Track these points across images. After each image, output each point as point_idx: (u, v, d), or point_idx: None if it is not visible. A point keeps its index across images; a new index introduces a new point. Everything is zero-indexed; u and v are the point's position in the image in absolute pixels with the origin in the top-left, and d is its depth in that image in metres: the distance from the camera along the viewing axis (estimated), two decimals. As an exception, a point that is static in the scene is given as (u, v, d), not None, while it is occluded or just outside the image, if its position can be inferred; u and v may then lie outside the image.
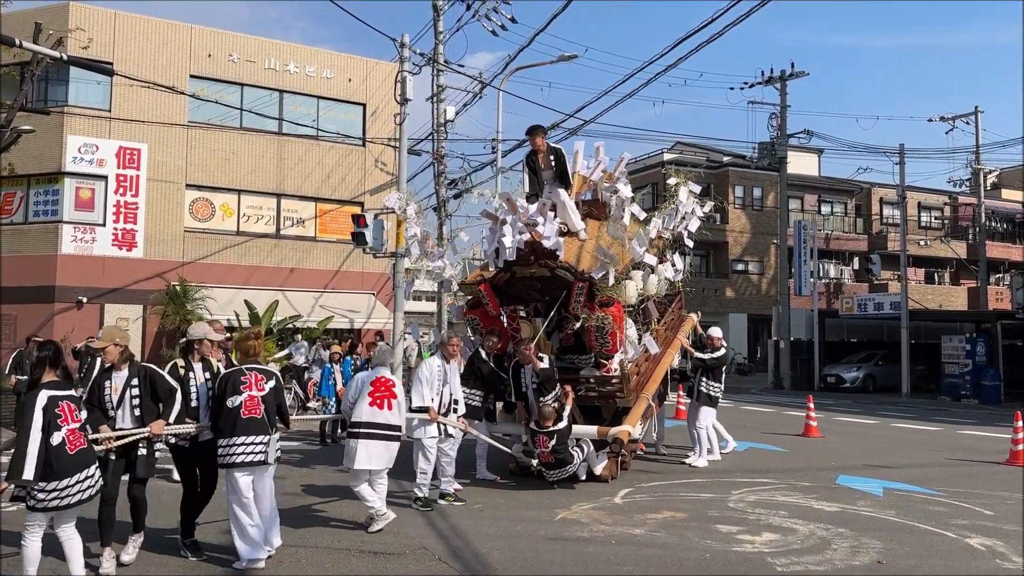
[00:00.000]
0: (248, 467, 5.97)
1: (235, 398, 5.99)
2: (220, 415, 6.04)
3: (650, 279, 10.52)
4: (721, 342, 11.36)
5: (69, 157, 20.59)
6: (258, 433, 5.98)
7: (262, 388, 6.09)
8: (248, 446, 5.94)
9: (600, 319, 9.11)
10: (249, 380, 6.08)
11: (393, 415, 7.10)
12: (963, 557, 6.53)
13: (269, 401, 6.10)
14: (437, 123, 22.05)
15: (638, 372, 10.01)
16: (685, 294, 13.02)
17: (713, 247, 38.74)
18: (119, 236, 21.13)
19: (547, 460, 8.87)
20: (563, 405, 9.01)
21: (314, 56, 24.33)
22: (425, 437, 8.05)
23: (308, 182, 23.61)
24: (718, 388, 11.28)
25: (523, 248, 9.08)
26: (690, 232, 11.72)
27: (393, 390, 7.16)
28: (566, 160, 10.25)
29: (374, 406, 7.06)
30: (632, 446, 10.32)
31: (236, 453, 5.93)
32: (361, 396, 7.12)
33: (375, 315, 23.12)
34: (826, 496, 8.92)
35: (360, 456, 6.97)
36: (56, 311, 20.04)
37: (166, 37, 22.06)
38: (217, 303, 20.93)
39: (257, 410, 6.01)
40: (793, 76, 30.26)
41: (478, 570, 6.02)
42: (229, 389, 6.03)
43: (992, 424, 17.20)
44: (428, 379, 8.04)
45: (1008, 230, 43.17)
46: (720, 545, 6.77)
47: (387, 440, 7.06)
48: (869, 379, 28.97)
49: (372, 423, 7.03)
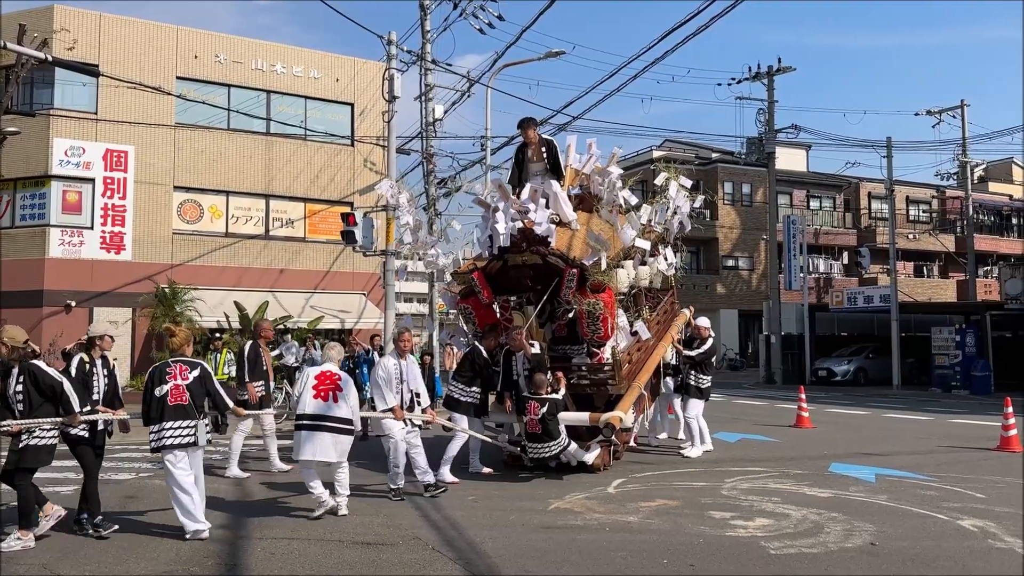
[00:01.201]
0: (179, 449, 6.51)
1: (161, 388, 6.60)
2: (150, 404, 6.61)
3: (641, 268, 10.52)
4: (709, 332, 11.31)
5: (55, 160, 20.47)
6: (185, 418, 6.55)
7: (186, 377, 6.63)
8: (176, 430, 6.53)
9: (591, 305, 9.09)
10: (174, 371, 6.65)
11: (339, 407, 7.32)
12: (955, 538, 6.55)
13: (194, 389, 6.63)
14: (426, 122, 22.02)
15: (630, 361, 10.00)
16: (675, 290, 12.98)
17: (703, 243, 38.84)
18: (107, 239, 21.02)
19: (533, 430, 8.87)
20: (558, 380, 9.15)
21: (301, 56, 24.27)
22: (393, 432, 8.14)
23: (297, 182, 23.54)
24: (707, 380, 11.18)
25: (516, 235, 9.14)
26: (683, 226, 11.72)
27: (339, 384, 7.38)
28: (558, 152, 10.27)
29: (318, 398, 7.31)
30: (625, 436, 10.32)
31: (166, 437, 6.52)
32: (305, 389, 7.39)
33: (366, 315, 23.06)
34: (819, 483, 8.94)
35: (306, 448, 7.26)
36: (45, 315, 19.91)
37: (152, 38, 21.97)
38: (207, 305, 20.86)
39: (183, 398, 6.57)
40: (780, 71, 30.31)
41: (472, 559, 6.00)
42: (156, 380, 6.66)
43: (983, 413, 17.28)
44: (386, 380, 8.17)
45: (996, 223, 43.47)
46: (714, 531, 6.77)
47: (334, 432, 7.29)
48: (860, 372, 29.06)
49: (316, 415, 7.29)
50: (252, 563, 5.97)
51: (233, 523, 7.26)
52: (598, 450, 9.44)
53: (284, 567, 5.84)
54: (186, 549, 6.35)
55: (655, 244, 11.24)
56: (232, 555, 6.19)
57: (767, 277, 33.37)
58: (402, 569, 5.77)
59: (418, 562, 5.94)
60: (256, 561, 6.01)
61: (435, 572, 5.71)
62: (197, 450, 6.66)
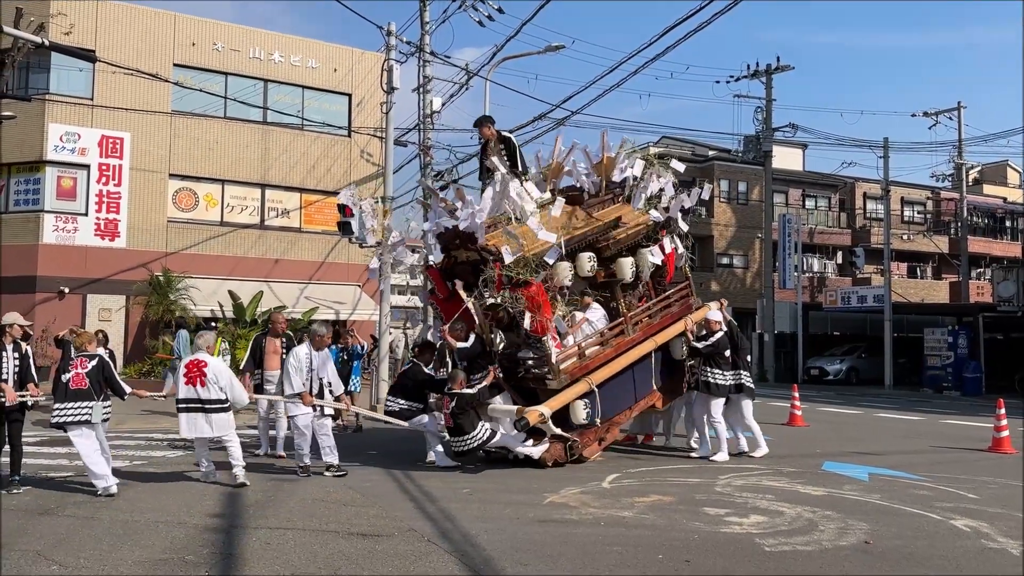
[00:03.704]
0: (76, 425, 7.86)
1: (66, 375, 8.09)
2: (57, 388, 8.29)
3: (621, 260, 10.34)
4: (720, 325, 10.63)
5: (51, 145, 20.35)
6: (83, 400, 7.90)
7: (85, 367, 7.99)
8: (75, 409, 7.88)
9: (514, 299, 9.19)
10: (76, 362, 8.09)
11: (207, 390, 8.37)
12: (949, 538, 6.57)
13: (92, 376, 7.96)
14: (423, 114, 21.93)
15: (581, 355, 9.80)
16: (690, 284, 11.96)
17: (698, 240, 38.75)
18: (102, 226, 20.92)
19: (447, 424, 9.30)
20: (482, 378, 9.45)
21: (299, 46, 24.16)
22: (298, 416, 8.93)
23: (293, 172, 23.46)
24: (721, 375, 10.40)
25: (450, 232, 9.53)
26: (684, 209, 11.28)
27: (204, 371, 8.42)
28: (516, 148, 10.30)
29: (188, 385, 8.40)
30: (595, 432, 9.99)
31: (66, 415, 7.87)
32: (179, 377, 8.65)
33: (361, 307, 23.01)
34: (812, 481, 8.97)
35: (183, 427, 8.49)
36: (38, 301, 19.80)
37: (149, 25, 21.83)
38: (201, 293, 20.79)
39: (82, 383, 7.92)
40: (779, 70, 30.36)
41: (467, 551, 5.99)
42: (63, 368, 8.37)
43: (974, 414, 17.36)
44: (297, 367, 8.93)
45: (989, 225, 43.57)
46: (708, 527, 6.79)
47: (205, 412, 8.37)
48: (852, 371, 29.21)
49: (188, 399, 8.40)
50: (247, 552, 5.95)
51: (228, 512, 7.25)
52: (545, 445, 9.41)
53: (279, 557, 5.82)
54: (181, 536, 6.34)
55: (649, 235, 10.83)
56: (227, 544, 6.18)
57: (761, 275, 33.45)
58: (397, 560, 5.76)
59: (413, 554, 5.94)
60: (251, 550, 5.99)
61: (430, 564, 5.71)
62: (94, 426, 7.95)
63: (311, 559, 5.78)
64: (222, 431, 8.44)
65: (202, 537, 6.35)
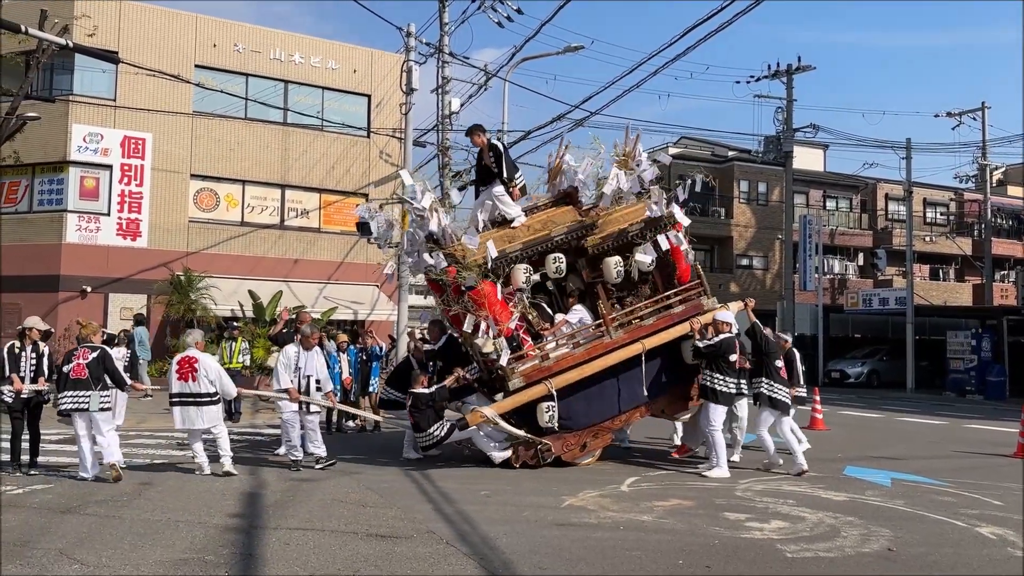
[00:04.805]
0: (75, 412, 8.42)
1: (68, 365, 8.60)
2: (59, 377, 8.72)
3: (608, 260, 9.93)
4: (728, 327, 9.67)
5: (74, 146, 20.56)
6: (82, 389, 8.44)
7: (87, 358, 8.56)
8: (74, 397, 8.45)
9: (465, 304, 9.39)
10: (78, 353, 8.64)
11: (197, 385, 8.90)
12: (974, 545, 6.48)
13: (92, 367, 8.51)
14: (442, 115, 21.97)
15: (545, 358, 9.59)
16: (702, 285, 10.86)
17: (718, 242, 38.62)
18: (123, 226, 21.10)
19: (410, 420, 9.81)
20: (443, 378, 9.87)
21: (319, 47, 24.27)
22: (286, 412, 9.47)
23: (312, 173, 23.56)
24: (722, 380, 9.49)
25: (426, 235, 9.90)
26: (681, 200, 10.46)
27: (195, 366, 8.93)
28: (503, 154, 10.39)
29: (181, 380, 8.93)
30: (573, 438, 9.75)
31: (66, 402, 8.47)
32: (171, 373, 9.06)
33: (379, 307, 23.08)
34: (834, 486, 8.88)
35: (176, 419, 9.04)
36: (60, 300, 20.02)
37: (171, 26, 22.01)
38: (221, 293, 20.92)
39: (82, 373, 8.48)
40: (800, 70, 30.15)
41: (486, 554, 5.98)
42: (65, 360, 8.75)
43: (998, 418, 17.13)
44: (286, 365, 9.50)
45: (1013, 227, 43.01)
46: (729, 532, 6.73)
47: (197, 405, 8.91)
48: (873, 374, 28.92)
49: (180, 393, 8.94)
50: (267, 552, 5.97)
51: (248, 512, 7.28)
52: (508, 452, 9.56)
53: (299, 557, 5.84)
54: (201, 536, 6.37)
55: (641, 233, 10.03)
56: (247, 544, 6.20)
57: (781, 277, 33.21)
58: (416, 563, 5.76)
59: (432, 556, 5.93)
60: (270, 551, 6.01)
61: (450, 566, 5.70)
62: (91, 414, 8.44)
63: (331, 560, 5.79)
64: (211, 422, 9.07)
65: (222, 537, 6.38)
